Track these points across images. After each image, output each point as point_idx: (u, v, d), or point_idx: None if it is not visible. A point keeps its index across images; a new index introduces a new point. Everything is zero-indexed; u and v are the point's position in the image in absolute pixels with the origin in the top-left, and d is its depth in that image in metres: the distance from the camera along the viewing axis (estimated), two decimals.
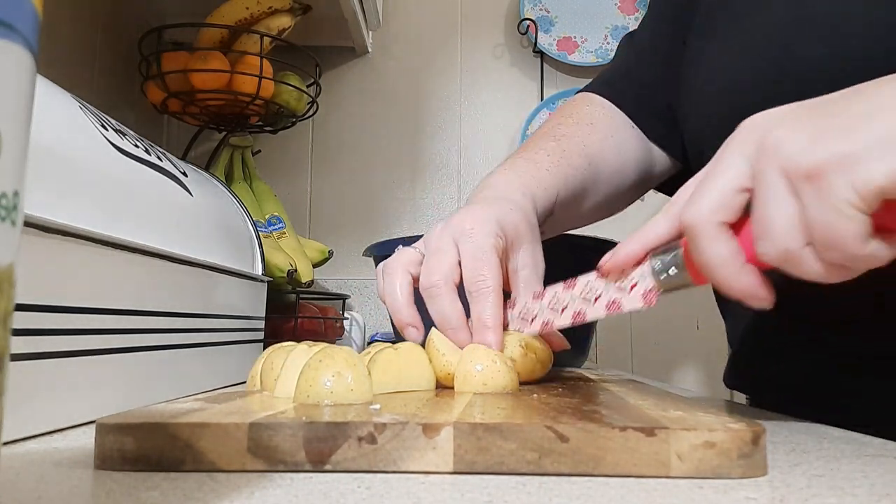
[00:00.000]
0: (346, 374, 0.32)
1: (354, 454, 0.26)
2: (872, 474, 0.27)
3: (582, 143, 0.60)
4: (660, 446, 0.26)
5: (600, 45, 1.32)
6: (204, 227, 0.60)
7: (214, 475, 0.26)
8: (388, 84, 1.34)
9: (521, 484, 0.25)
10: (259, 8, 0.98)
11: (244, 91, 0.95)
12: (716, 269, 0.33)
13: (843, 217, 0.29)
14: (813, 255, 0.30)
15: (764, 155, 0.32)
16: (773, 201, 0.31)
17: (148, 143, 0.56)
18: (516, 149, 1.37)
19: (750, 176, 0.32)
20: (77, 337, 0.38)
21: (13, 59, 0.15)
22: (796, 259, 0.31)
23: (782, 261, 0.31)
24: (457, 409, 0.31)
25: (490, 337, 0.44)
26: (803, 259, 0.31)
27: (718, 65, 0.54)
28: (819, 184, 0.29)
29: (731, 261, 0.33)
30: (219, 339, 0.60)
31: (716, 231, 0.33)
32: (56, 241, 0.36)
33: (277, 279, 0.88)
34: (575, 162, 0.58)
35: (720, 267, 0.33)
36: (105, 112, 0.52)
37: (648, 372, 1.25)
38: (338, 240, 1.26)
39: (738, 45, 0.52)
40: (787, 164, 0.30)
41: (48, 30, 0.86)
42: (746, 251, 0.33)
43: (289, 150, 1.32)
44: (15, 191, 0.15)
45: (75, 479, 0.25)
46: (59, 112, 0.42)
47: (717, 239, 0.33)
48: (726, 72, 0.52)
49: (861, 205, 0.28)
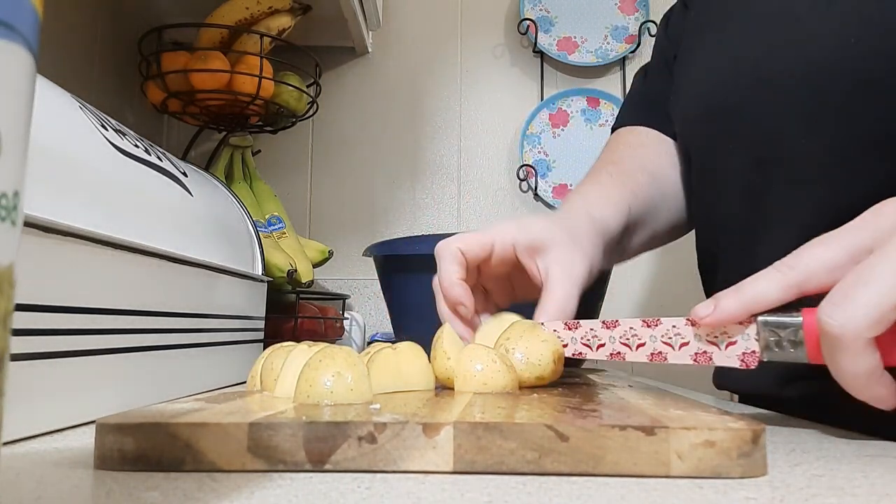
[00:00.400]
0: (346, 374, 0.32)
1: (354, 454, 0.26)
2: (872, 474, 0.27)
3: (640, 162, 0.62)
4: (660, 445, 0.26)
5: (600, 45, 1.32)
6: (204, 227, 0.60)
7: (214, 475, 0.26)
8: (388, 84, 1.34)
9: (521, 484, 0.25)
10: (259, 8, 0.98)
11: (244, 91, 0.95)
12: (852, 381, 0.31)
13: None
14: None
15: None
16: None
17: (148, 143, 0.56)
18: (516, 149, 1.37)
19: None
20: (77, 337, 0.38)
21: (13, 59, 0.15)
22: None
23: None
24: (457, 408, 0.31)
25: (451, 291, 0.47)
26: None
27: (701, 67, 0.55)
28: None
29: (872, 374, 0.31)
30: (219, 339, 0.60)
31: (864, 347, 0.30)
32: (56, 241, 0.36)
33: (277, 279, 0.88)
34: (639, 178, 0.60)
35: (858, 378, 0.31)
36: (105, 112, 0.52)
37: (648, 372, 1.25)
38: (338, 240, 1.26)
39: (722, 48, 0.54)
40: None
41: (48, 30, 0.86)
42: (885, 357, 0.31)
43: (289, 150, 1.32)
44: (15, 191, 0.15)
45: (75, 479, 0.25)
46: (59, 112, 0.42)
47: (863, 355, 0.30)
48: (709, 74, 0.54)
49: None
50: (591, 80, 1.34)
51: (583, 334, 0.44)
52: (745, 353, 0.36)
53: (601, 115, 1.31)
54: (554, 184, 1.30)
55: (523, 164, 1.29)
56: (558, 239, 0.49)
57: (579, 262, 0.49)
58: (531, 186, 1.30)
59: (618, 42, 1.32)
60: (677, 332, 0.39)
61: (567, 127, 1.31)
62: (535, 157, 1.30)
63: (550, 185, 1.30)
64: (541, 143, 1.31)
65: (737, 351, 0.36)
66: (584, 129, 1.31)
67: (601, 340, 0.43)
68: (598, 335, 0.43)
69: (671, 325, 0.39)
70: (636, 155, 0.63)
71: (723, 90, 0.52)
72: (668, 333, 0.39)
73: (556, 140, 1.31)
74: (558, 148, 1.31)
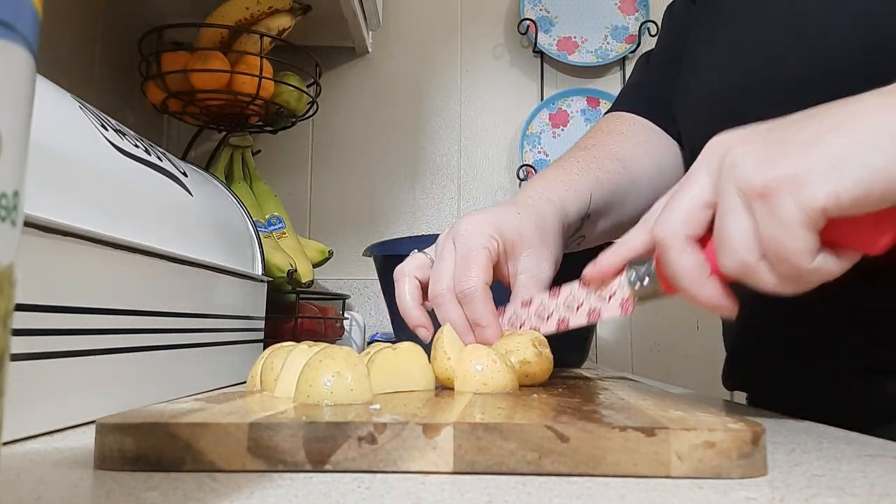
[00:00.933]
0: (346, 374, 0.32)
1: (354, 454, 0.26)
2: (872, 474, 0.27)
3: (613, 149, 0.62)
4: (660, 446, 0.26)
5: (600, 45, 1.32)
6: (204, 227, 0.60)
7: (214, 475, 0.26)
8: (388, 84, 1.34)
9: (521, 484, 0.25)
10: (259, 8, 0.98)
11: (244, 91, 0.95)
12: (682, 279, 0.36)
13: (790, 234, 0.31)
14: (767, 268, 0.33)
15: (723, 173, 0.34)
16: (730, 217, 0.33)
17: (148, 143, 0.56)
18: (516, 149, 1.37)
19: (714, 191, 0.35)
20: (77, 337, 0.38)
21: (13, 59, 0.15)
22: (752, 271, 0.33)
23: (740, 273, 0.34)
24: (457, 409, 0.31)
25: (487, 332, 0.46)
26: (758, 272, 0.33)
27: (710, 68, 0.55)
28: (769, 202, 0.31)
29: (697, 272, 0.35)
30: (219, 339, 0.60)
31: (683, 244, 0.35)
32: (56, 241, 0.36)
33: (277, 279, 0.88)
34: (607, 166, 0.59)
35: (686, 278, 0.36)
36: (105, 112, 0.52)
37: (648, 372, 1.25)
38: (338, 240, 1.26)
39: (729, 49, 0.53)
40: (742, 183, 0.33)
41: (48, 30, 0.86)
42: (712, 264, 0.35)
43: (289, 150, 1.32)
44: (15, 191, 0.15)
45: (75, 479, 0.25)
46: (59, 112, 0.42)
47: (683, 251, 0.35)
48: (717, 74, 0.54)
49: (807, 222, 0.30)
50: (591, 80, 1.34)
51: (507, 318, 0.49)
52: (623, 301, 0.40)
53: (601, 115, 1.31)
54: None
55: (523, 164, 1.29)
56: (528, 240, 0.50)
57: (546, 263, 0.50)
58: None
59: (618, 42, 1.32)
60: (574, 296, 0.44)
61: (567, 127, 1.31)
62: (535, 157, 1.30)
63: None
64: (541, 143, 1.31)
65: (617, 300, 0.41)
66: (584, 129, 1.31)
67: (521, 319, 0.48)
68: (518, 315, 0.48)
69: (569, 291, 0.44)
70: (610, 141, 0.63)
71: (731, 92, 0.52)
72: (568, 299, 0.44)
73: (556, 140, 1.31)
74: (558, 148, 1.31)
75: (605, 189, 0.58)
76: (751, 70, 0.50)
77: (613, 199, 0.59)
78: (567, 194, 0.55)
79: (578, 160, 0.59)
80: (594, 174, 0.58)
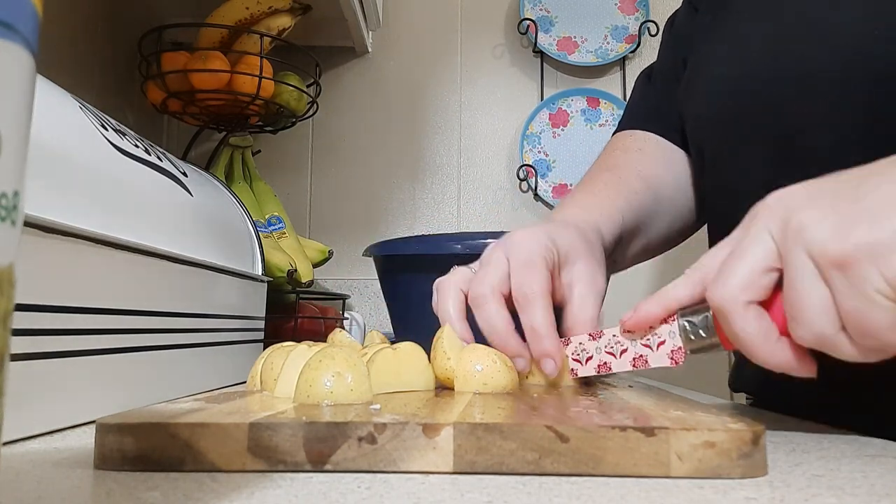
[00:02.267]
0: (346, 374, 0.32)
1: (354, 454, 0.26)
2: (872, 474, 0.27)
3: (636, 168, 0.61)
4: (660, 446, 0.26)
5: (600, 45, 1.32)
6: (204, 227, 0.60)
7: (214, 475, 0.26)
8: (388, 84, 1.34)
9: (521, 484, 0.25)
10: (259, 8, 0.98)
11: (244, 91, 0.95)
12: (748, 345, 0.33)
13: (875, 307, 0.29)
14: (847, 339, 0.30)
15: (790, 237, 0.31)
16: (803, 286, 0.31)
17: (148, 143, 0.56)
18: (516, 149, 1.37)
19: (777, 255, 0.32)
20: (77, 337, 0.38)
21: (13, 59, 0.15)
22: (830, 343, 0.31)
23: (817, 344, 0.31)
24: (457, 409, 0.31)
25: (546, 344, 0.42)
26: (837, 343, 0.31)
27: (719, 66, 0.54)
28: (849, 273, 0.29)
29: (763, 337, 0.33)
30: (219, 339, 0.60)
31: (744, 310, 0.33)
32: (56, 241, 0.36)
33: (277, 279, 0.88)
34: (634, 186, 0.58)
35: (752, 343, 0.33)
36: (105, 112, 0.52)
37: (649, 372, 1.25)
38: (338, 240, 1.26)
39: (738, 47, 0.53)
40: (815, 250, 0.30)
41: (48, 30, 0.86)
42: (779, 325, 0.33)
43: (289, 150, 1.32)
44: (15, 191, 0.15)
45: (75, 479, 0.25)
46: (59, 112, 0.42)
47: (746, 318, 0.33)
48: (726, 73, 0.53)
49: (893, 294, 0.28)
50: (591, 79, 1.34)
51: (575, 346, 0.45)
52: (674, 350, 0.38)
53: (601, 115, 1.31)
54: (554, 184, 1.30)
55: (523, 164, 1.29)
56: (581, 253, 0.48)
57: (599, 275, 0.48)
58: (531, 186, 1.29)
59: (618, 42, 1.32)
60: (617, 340, 0.41)
61: (567, 127, 1.31)
62: (535, 157, 1.30)
63: (550, 185, 1.30)
64: (541, 143, 1.31)
65: (666, 349, 0.39)
66: (584, 129, 1.31)
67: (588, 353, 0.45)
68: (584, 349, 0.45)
69: (611, 335, 0.42)
70: (631, 160, 0.62)
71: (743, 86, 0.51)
72: (609, 343, 0.42)
73: (556, 140, 1.31)
74: (558, 148, 1.31)
75: (634, 209, 0.57)
76: (763, 63, 0.50)
77: (641, 219, 0.58)
78: (601, 219, 0.53)
79: (606, 182, 0.58)
80: (623, 195, 0.57)
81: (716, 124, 0.55)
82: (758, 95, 0.50)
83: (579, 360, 0.43)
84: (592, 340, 0.43)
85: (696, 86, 0.57)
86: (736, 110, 0.52)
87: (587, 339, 0.43)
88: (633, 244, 0.58)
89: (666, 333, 0.39)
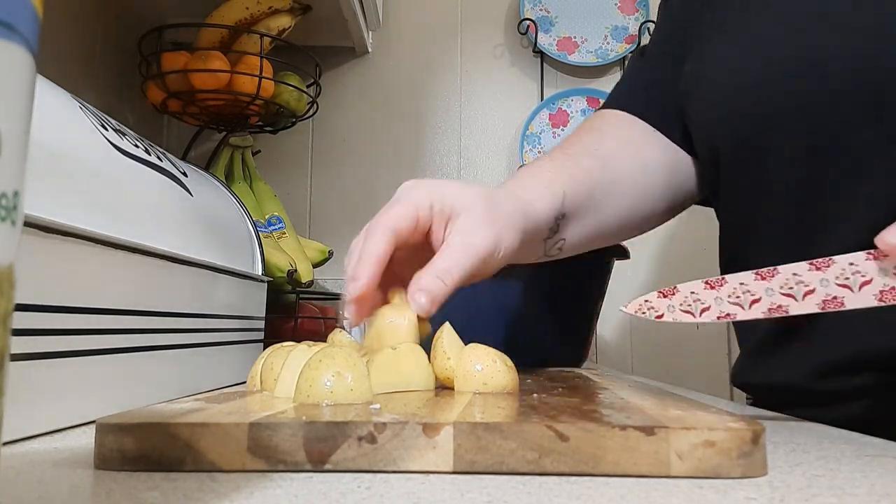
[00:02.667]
0: (346, 374, 0.32)
1: (354, 454, 0.26)
2: (872, 474, 0.27)
3: (591, 146, 0.59)
4: (659, 445, 0.26)
5: (600, 45, 1.32)
6: (204, 227, 0.60)
7: (214, 475, 0.26)
8: (388, 84, 1.34)
9: (521, 484, 0.25)
10: (259, 8, 0.98)
11: (244, 91, 0.95)
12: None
13: None
14: None
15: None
16: None
17: (148, 143, 0.56)
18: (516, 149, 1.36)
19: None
20: (77, 337, 0.38)
21: (13, 59, 0.15)
22: None
23: None
24: (457, 408, 0.31)
25: (359, 268, 0.42)
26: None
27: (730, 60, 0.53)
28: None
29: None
30: (219, 339, 0.60)
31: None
32: (56, 241, 0.36)
33: (277, 279, 0.88)
34: (583, 163, 0.56)
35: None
36: (105, 112, 0.52)
37: (648, 372, 1.25)
38: (338, 240, 1.26)
39: (749, 40, 0.52)
40: None
41: (49, 30, 0.86)
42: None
43: (289, 150, 1.32)
44: (15, 191, 0.15)
45: (75, 479, 0.25)
46: (59, 112, 0.42)
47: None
48: (738, 66, 0.52)
49: None
50: (591, 80, 1.34)
51: (728, 292, 0.41)
52: (883, 291, 0.35)
53: None
54: None
55: (523, 164, 1.29)
56: (469, 206, 0.46)
57: (482, 234, 0.45)
58: None
59: (618, 42, 1.32)
60: (855, 269, 0.36)
61: (567, 127, 1.31)
62: (534, 157, 1.30)
63: None
64: (541, 143, 1.31)
65: (873, 290, 0.35)
66: None
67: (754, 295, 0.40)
68: (750, 289, 0.40)
69: (848, 263, 0.37)
70: (589, 139, 0.60)
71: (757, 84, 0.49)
72: (845, 272, 0.37)
73: (556, 140, 1.31)
74: None
75: (581, 187, 0.55)
76: (774, 60, 0.49)
77: (593, 198, 0.56)
78: (535, 190, 0.51)
79: (553, 159, 0.57)
80: (567, 171, 0.55)
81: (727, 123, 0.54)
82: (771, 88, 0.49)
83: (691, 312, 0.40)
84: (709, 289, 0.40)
85: (701, 86, 0.56)
86: (750, 104, 0.51)
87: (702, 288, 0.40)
88: (583, 222, 0.56)
89: (874, 271, 0.35)
